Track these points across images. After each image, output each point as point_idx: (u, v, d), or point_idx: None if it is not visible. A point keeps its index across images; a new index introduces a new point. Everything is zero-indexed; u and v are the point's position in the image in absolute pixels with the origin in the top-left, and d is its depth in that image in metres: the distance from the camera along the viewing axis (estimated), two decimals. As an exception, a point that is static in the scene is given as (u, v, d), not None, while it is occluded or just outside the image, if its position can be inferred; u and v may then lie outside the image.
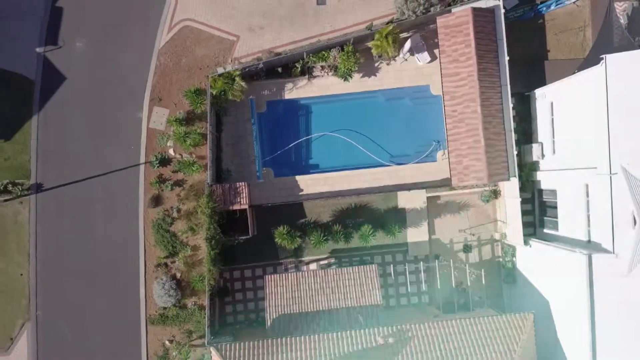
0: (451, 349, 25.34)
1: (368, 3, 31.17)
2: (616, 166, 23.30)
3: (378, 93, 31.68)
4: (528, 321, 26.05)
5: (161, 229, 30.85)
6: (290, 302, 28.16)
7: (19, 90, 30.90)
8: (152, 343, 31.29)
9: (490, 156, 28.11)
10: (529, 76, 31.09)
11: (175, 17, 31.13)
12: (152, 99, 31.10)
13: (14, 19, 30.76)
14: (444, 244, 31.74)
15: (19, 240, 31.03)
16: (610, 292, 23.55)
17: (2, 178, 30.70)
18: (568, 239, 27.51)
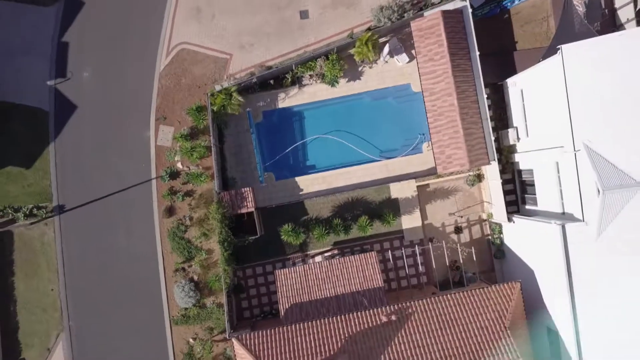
0: (448, 321, 28.03)
1: (347, 14, 33.88)
2: (579, 144, 26.05)
3: (364, 95, 34.28)
4: (515, 289, 28.77)
5: (176, 236, 33.53)
6: (300, 292, 30.84)
7: (35, 121, 33.60)
8: (177, 342, 33.99)
9: (470, 144, 30.83)
10: (501, 67, 33.78)
11: (171, 42, 33.82)
12: (158, 119, 33.79)
13: (24, 55, 33.46)
14: (436, 227, 34.44)
15: (47, 258, 33.78)
16: (584, 256, 26.31)
17: (27, 203, 33.45)
18: (547, 213, 30.28)
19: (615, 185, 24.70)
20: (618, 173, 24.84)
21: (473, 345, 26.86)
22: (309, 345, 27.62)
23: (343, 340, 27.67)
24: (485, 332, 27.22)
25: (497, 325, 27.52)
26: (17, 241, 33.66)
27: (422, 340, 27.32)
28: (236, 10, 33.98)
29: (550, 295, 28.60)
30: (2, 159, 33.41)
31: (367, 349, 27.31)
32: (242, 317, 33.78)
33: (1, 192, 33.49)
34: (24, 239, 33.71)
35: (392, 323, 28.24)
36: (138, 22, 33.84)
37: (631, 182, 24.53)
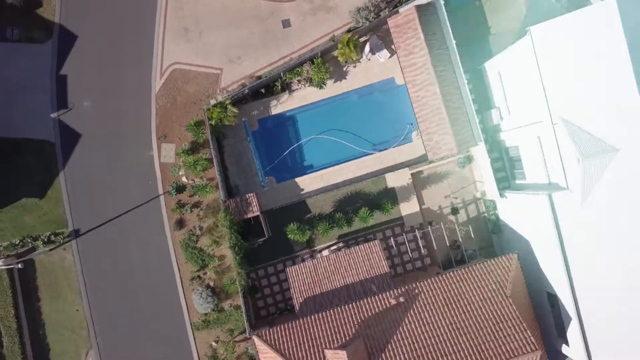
0: (453, 297, 29.75)
1: (327, 18, 35.57)
2: (556, 117, 27.75)
3: (351, 93, 35.97)
4: (513, 260, 30.49)
5: (189, 247, 35.25)
6: (311, 286, 32.55)
7: (43, 153, 35.35)
8: (201, 346, 35.75)
9: (456, 129, 32.51)
10: (478, 52, 35.48)
11: (164, 63, 35.52)
12: (159, 137, 35.52)
13: (27, 93, 35.18)
14: (433, 211, 36.15)
15: (69, 281, 35.54)
16: (571, 221, 28.05)
17: (44, 231, 35.21)
18: (535, 185, 31.97)
19: (593, 152, 26.38)
20: (594, 140, 26.52)
21: (478, 317, 28.55)
22: (325, 333, 29.33)
23: (357, 326, 29.41)
24: (488, 303, 28.91)
25: (499, 296, 29.19)
26: (39, 268, 35.44)
27: (431, 318, 29.04)
28: (221, 26, 35.69)
29: (546, 261, 30.34)
30: (16, 192, 35.15)
31: (380, 331, 29.05)
32: (259, 316, 35.50)
33: (19, 223, 35.20)
34: (45, 265, 35.47)
35: (401, 305, 29.95)
36: (130, 48, 35.53)
37: (607, 147, 26.21)
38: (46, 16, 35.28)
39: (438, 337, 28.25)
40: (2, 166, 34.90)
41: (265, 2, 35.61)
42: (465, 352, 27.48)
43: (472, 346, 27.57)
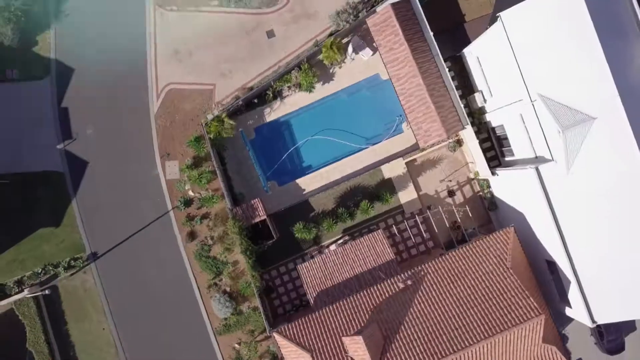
0: (457, 274, 31.42)
1: (308, 25, 37.22)
2: (534, 94, 29.42)
3: (340, 93, 37.57)
4: (510, 234, 32.18)
5: (202, 257, 36.90)
6: (323, 280, 34.19)
7: (54, 183, 36.99)
8: (225, 350, 37.40)
9: (442, 115, 34.14)
10: (456, 40, 37.12)
11: (159, 85, 37.18)
12: (162, 156, 37.17)
13: (33, 128, 36.84)
14: (431, 195, 37.77)
15: (93, 302, 37.20)
16: (560, 190, 29.73)
17: (64, 257, 36.85)
18: (523, 160, 33.66)
19: (572, 123, 28.04)
20: (572, 112, 28.19)
21: (483, 290, 30.22)
22: (341, 322, 31.03)
23: (370, 312, 31.12)
24: (491, 276, 30.58)
25: (500, 268, 30.85)
26: (63, 293, 37.10)
27: (438, 296, 30.73)
28: (209, 44, 37.33)
29: (541, 231, 32.02)
30: (33, 224, 36.78)
31: (391, 314, 30.74)
32: (276, 314, 37.14)
33: (39, 252, 36.85)
34: (69, 290, 37.14)
35: (409, 287, 31.65)
36: (125, 74, 37.14)
37: (584, 117, 27.87)
38: (42, 53, 36.98)
39: (447, 313, 29.94)
40: (16, 200, 36.53)
41: (248, 16, 37.29)
42: (473, 324, 29.15)
43: (480, 318, 29.25)
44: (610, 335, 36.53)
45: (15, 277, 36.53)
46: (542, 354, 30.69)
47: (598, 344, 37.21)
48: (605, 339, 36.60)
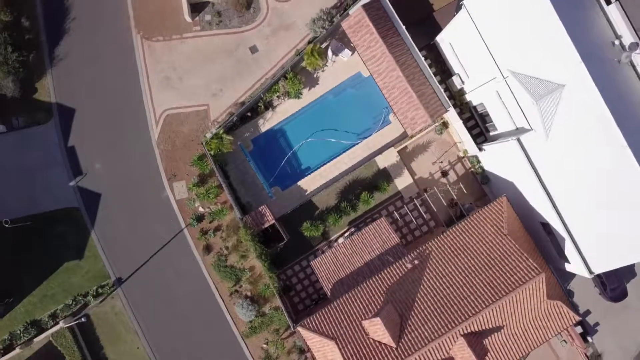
0: (459, 248, 33.51)
1: (287, 35, 39.37)
2: (505, 71, 31.57)
3: (327, 94, 39.69)
4: (504, 203, 34.27)
5: (220, 267, 39.04)
6: (336, 272, 36.23)
7: (72, 219, 39.11)
8: (254, 351, 39.56)
9: (425, 102, 36.23)
10: (428, 29, 39.19)
11: (156, 113, 39.31)
12: (169, 178, 39.32)
13: (44, 170, 38.96)
14: (426, 178, 39.90)
15: (124, 324, 39.37)
16: (542, 156, 31.87)
17: (91, 286, 38.99)
18: (506, 133, 35.79)
19: (544, 93, 30.17)
20: (542, 83, 30.28)
21: (485, 259, 32.33)
22: (358, 308, 33.15)
23: (383, 294, 33.25)
24: (491, 245, 32.68)
25: (498, 236, 32.92)
26: (95, 320, 39.28)
27: (444, 270, 32.86)
28: (197, 66, 39.49)
29: (531, 196, 34.16)
30: (58, 259, 38.94)
31: (404, 293, 32.89)
32: (297, 310, 39.28)
33: (67, 285, 39.02)
34: (100, 316, 39.32)
35: (417, 266, 33.78)
36: (123, 106, 39.30)
37: (554, 86, 29.96)
38: (43, 99, 39.15)
39: (454, 284, 32.08)
40: (39, 240, 38.66)
41: (229, 36, 39.45)
42: (480, 291, 31.30)
43: (485, 285, 31.40)
44: (612, 284, 38.70)
45: (49, 311, 38.71)
46: (549, 310, 32.84)
47: (602, 294, 39.35)
48: (608, 288, 38.76)
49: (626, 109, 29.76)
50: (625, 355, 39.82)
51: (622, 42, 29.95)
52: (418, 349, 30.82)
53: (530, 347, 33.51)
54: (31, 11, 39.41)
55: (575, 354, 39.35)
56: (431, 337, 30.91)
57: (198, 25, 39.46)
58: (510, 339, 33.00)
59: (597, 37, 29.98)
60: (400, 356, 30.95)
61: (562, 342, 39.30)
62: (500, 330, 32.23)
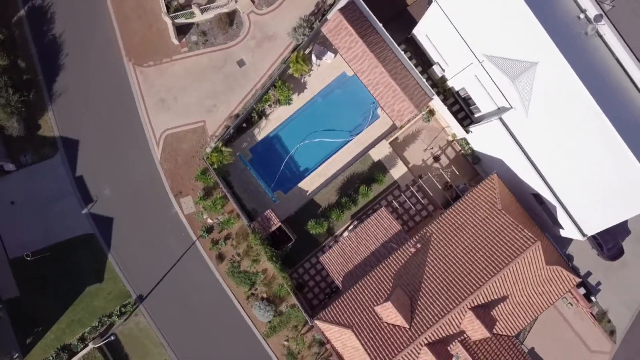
0: (457, 227, 35.30)
1: (272, 46, 41.19)
2: (480, 56, 33.35)
3: (315, 97, 41.48)
4: (495, 179, 36.08)
5: (234, 273, 40.83)
6: (344, 264, 38.00)
7: (88, 244, 40.95)
8: (276, 349, 41.36)
9: (409, 93, 37.98)
10: (404, 24, 40.95)
11: (156, 134, 41.14)
12: (176, 195, 41.15)
13: (56, 202, 40.81)
14: (419, 165, 41.66)
15: (150, 338, 41.20)
16: (525, 131, 33.67)
17: (114, 307, 40.81)
18: (489, 113, 37.55)
19: (519, 72, 31.94)
20: (516, 63, 32.05)
21: (483, 234, 34.14)
22: (369, 296, 34.98)
23: (392, 280, 35.08)
24: (487, 220, 34.50)
25: (493, 212, 34.76)
26: (122, 338, 41.11)
27: (446, 250, 34.68)
28: (189, 86, 41.31)
29: (520, 170, 35.95)
30: (80, 284, 40.81)
31: (411, 276, 34.72)
32: (313, 306, 41.09)
33: (91, 308, 40.87)
34: (126, 334, 41.15)
35: (420, 250, 35.62)
36: (124, 132, 41.16)
37: (528, 64, 31.71)
38: (47, 134, 41.00)
39: (457, 262, 33.91)
40: (59, 268, 40.51)
41: (217, 53, 41.28)
42: (482, 265, 33.12)
43: (486, 259, 33.21)
44: (608, 244, 40.51)
45: (77, 335, 40.56)
46: (550, 275, 34.61)
47: (600, 254, 41.15)
48: (605, 248, 40.57)
49: (598, 77, 31.56)
50: (629, 309, 41.70)
51: (587, 15, 31.62)
52: (430, 326, 32.64)
53: (536, 312, 35.34)
54: (26, 52, 41.26)
55: (582, 314, 41.15)
56: (441, 314, 32.75)
57: (185, 47, 41.30)
58: (517, 307, 34.82)
59: (563, 13, 31.68)
60: (414, 335, 32.80)
61: (567, 304, 41.09)
62: (505, 300, 34.05)
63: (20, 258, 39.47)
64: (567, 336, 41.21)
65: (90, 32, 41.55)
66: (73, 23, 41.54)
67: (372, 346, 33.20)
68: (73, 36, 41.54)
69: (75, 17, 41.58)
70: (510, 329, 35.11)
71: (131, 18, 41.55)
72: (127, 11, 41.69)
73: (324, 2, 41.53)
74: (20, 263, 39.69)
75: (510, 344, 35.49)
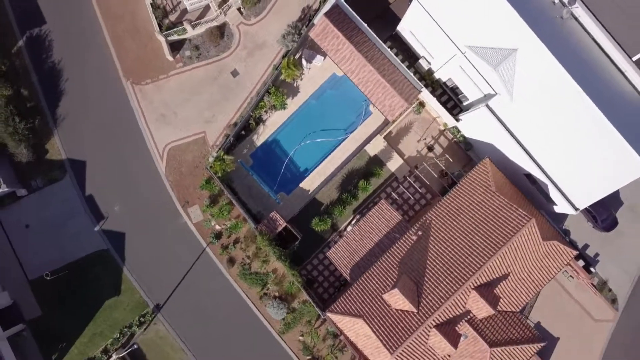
0: (455, 212, 36.85)
1: (263, 54, 42.81)
2: (463, 47, 34.90)
3: (309, 100, 43.05)
4: (487, 164, 37.63)
5: (246, 275, 42.36)
6: (351, 257, 39.44)
7: (104, 260, 42.49)
8: (292, 345, 42.85)
9: (398, 88, 39.54)
10: (388, 22, 42.52)
11: (159, 149, 42.73)
12: (183, 205, 42.73)
13: (69, 222, 42.34)
14: (414, 156, 43.20)
15: (170, 345, 42.73)
16: (511, 115, 35.23)
17: (134, 317, 42.32)
18: (477, 101, 39.10)
19: (500, 59, 33.52)
20: (497, 51, 33.62)
21: (480, 217, 35.70)
22: (377, 285, 36.54)
23: (397, 268, 36.64)
24: (483, 203, 36.06)
25: (488, 194, 36.32)
26: (144, 347, 42.66)
27: (446, 234, 36.25)
28: (186, 99, 42.91)
29: (510, 152, 37.48)
30: (98, 299, 42.36)
31: (415, 263, 36.28)
32: (323, 300, 42.63)
33: (111, 321, 42.43)
34: (147, 343, 42.70)
35: (421, 237, 37.17)
36: (128, 149, 42.75)
37: (508, 51, 33.29)
38: (55, 157, 42.60)
39: (457, 245, 35.48)
40: (78, 285, 42.06)
41: (210, 65, 42.89)
42: (481, 246, 34.68)
43: (484, 240, 34.77)
44: (602, 215, 42.05)
45: (100, 348, 42.11)
46: (547, 250, 36.18)
47: (595, 226, 42.68)
48: (599, 220, 42.10)
49: (576, 57, 33.21)
50: (629, 277, 43.26)
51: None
52: (437, 309, 34.21)
53: (537, 287, 36.92)
54: (28, 80, 42.84)
55: (583, 286, 42.69)
56: (446, 296, 34.31)
57: (180, 62, 42.90)
58: (519, 284, 36.38)
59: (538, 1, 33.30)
60: (423, 318, 34.37)
61: (568, 277, 42.62)
62: (507, 277, 35.60)
63: (40, 278, 41.02)
64: (571, 308, 42.76)
65: (87, 56, 43.16)
66: (70, 49, 43.16)
67: (383, 332, 34.75)
68: (71, 61, 43.14)
69: (71, 43, 43.19)
70: (514, 305, 36.69)
71: (125, 39, 43.15)
72: (121, 33, 43.28)
73: (309, 7, 43.11)
74: (40, 283, 41.25)
75: (515, 319, 37.10)
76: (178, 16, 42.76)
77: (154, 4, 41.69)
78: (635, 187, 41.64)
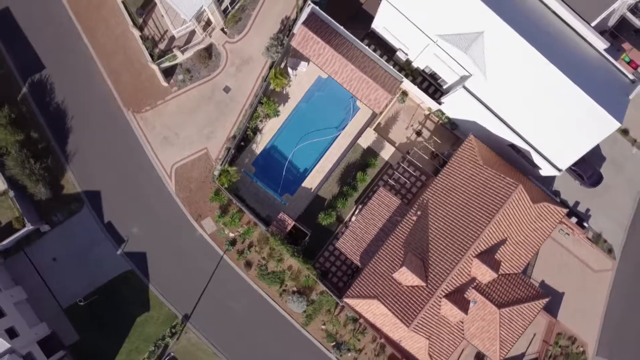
0: (448, 189, 39.46)
1: (251, 68, 45.57)
2: (434, 37, 37.61)
3: (299, 104, 45.76)
4: (472, 140, 40.29)
5: (264, 275, 45.08)
6: (359, 244, 42.10)
7: (130, 280, 45.22)
8: (316, 334, 45.57)
9: (380, 82, 42.20)
10: (363, 21, 45.22)
11: (166, 169, 45.50)
12: (196, 219, 45.49)
13: (92, 249, 45.09)
14: (405, 143, 45.91)
15: (203, 351, 45.44)
16: (488, 93, 37.94)
17: (165, 329, 45.04)
18: (455, 83, 41.75)
19: (469, 43, 36.23)
20: (465, 36, 36.34)
21: (472, 190, 38.37)
22: (386, 266, 39.25)
23: (402, 248, 39.36)
24: (473, 177, 38.75)
25: (476, 168, 38.98)
26: (179, 355, 45.44)
27: (443, 211, 38.94)
28: (185, 120, 45.67)
29: (492, 126, 40.15)
30: (130, 317, 45.13)
31: (417, 241, 39.00)
32: (339, 288, 45.35)
33: (145, 336, 45.20)
34: (181, 351, 45.50)
35: (421, 216, 39.88)
36: (138, 175, 45.49)
37: (475, 35, 36.01)
38: (71, 191, 45.39)
39: (455, 219, 38.18)
40: (109, 307, 44.84)
41: (203, 85, 45.67)
42: (477, 216, 37.37)
43: (479, 210, 37.45)
44: (587, 172, 44.74)
45: (138, 362, 45.03)
46: (539, 212, 38.79)
47: (582, 184, 45.35)
48: (585, 177, 44.78)
49: (539, 31, 36.03)
50: (620, 226, 46.03)
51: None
52: (443, 280, 36.93)
53: (535, 247, 39.60)
54: (36, 123, 45.61)
55: (579, 241, 45.38)
56: (451, 267, 37.02)
57: (175, 86, 45.67)
58: (517, 247, 39.06)
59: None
60: (432, 290, 37.10)
61: (564, 234, 45.31)
62: (504, 242, 38.30)
63: (74, 305, 43.81)
64: (571, 263, 45.48)
65: (87, 92, 45.92)
66: (71, 88, 45.93)
67: (398, 309, 37.49)
68: (73, 100, 45.91)
69: (71, 83, 45.95)
70: (515, 267, 39.42)
71: (121, 72, 45.95)
72: (116, 66, 46.07)
73: (287, 18, 45.85)
74: (75, 309, 44.06)
75: (518, 280, 39.84)
76: (167, 44, 45.50)
77: (143, 36, 44.43)
78: (612, 141, 44.60)
